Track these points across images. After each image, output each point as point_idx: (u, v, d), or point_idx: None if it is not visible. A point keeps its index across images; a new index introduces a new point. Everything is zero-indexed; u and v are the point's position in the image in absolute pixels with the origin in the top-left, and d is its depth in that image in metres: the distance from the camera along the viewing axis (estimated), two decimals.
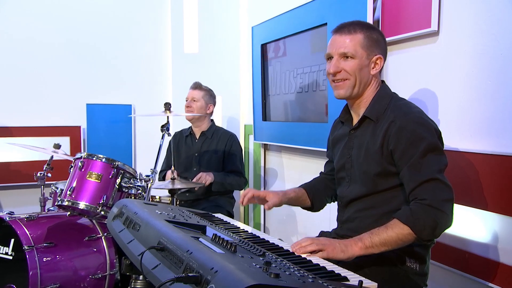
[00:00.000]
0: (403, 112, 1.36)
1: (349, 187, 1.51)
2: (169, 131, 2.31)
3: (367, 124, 1.45)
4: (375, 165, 1.39)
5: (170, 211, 1.50)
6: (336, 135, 1.63)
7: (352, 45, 1.42)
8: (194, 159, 2.88)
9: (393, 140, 1.34)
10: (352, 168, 1.50)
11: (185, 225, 1.32)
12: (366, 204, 1.44)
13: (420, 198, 1.27)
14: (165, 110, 2.34)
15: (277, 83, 2.82)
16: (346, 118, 1.57)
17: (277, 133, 2.90)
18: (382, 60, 1.44)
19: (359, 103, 1.49)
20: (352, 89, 1.45)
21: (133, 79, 3.84)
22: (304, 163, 2.76)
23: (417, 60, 1.84)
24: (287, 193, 1.60)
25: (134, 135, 3.82)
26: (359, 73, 1.43)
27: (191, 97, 2.87)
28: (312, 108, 2.51)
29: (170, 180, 2.48)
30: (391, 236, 1.25)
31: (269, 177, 3.21)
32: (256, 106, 3.16)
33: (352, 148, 1.50)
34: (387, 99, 1.45)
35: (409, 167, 1.31)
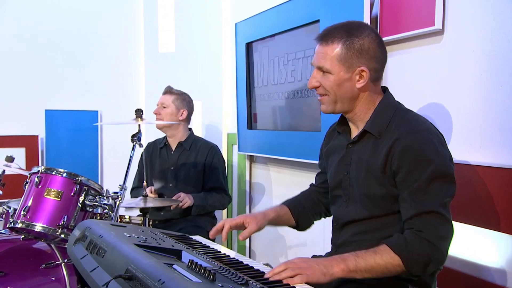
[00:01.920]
0: (410, 129, 1.36)
1: (347, 208, 1.51)
2: (140, 142, 2.29)
3: (368, 139, 1.45)
4: (377, 186, 1.40)
5: (141, 234, 1.49)
6: (331, 145, 1.63)
7: (328, 59, 1.42)
8: (170, 173, 2.87)
9: (396, 160, 1.34)
10: (350, 187, 1.50)
11: (158, 250, 1.30)
12: (365, 228, 1.45)
13: (417, 229, 1.29)
14: (136, 118, 2.34)
15: (264, 73, 2.81)
16: (343, 129, 1.57)
17: (265, 143, 2.91)
18: (367, 72, 1.41)
19: (353, 117, 1.49)
20: (334, 105, 1.46)
21: (100, 81, 3.81)
22: (295, 177, 2.76)
23: (419, 62, 1.87)
24: (267, 215, 1.59)
25: (100, 146, 3.78)
26: (338, 89, 1.43)
27: (160, 103, 2.88)
28: (304, 115, 2.52)
29: (142, 198, 2.45)
30: (379, 264, 1.26)
31: (256, 193, 3.20)
32: (240, 112, 3.16)
33: (349, 164, 1.50)
34: (390, 110, 1.44)
35: (411, 192, 1.32)
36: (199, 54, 3.64)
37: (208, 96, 3.58)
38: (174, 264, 1.12)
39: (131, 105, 3.64)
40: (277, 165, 2.96)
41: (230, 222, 1.52)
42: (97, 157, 3.76)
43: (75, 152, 3.70)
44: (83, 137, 3.74)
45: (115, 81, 3.85)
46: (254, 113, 3.02)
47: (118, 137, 3.72)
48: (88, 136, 3.76)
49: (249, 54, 3.02)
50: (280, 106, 2.72)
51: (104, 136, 3.82)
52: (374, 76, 1.43)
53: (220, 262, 1.31)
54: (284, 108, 2.70)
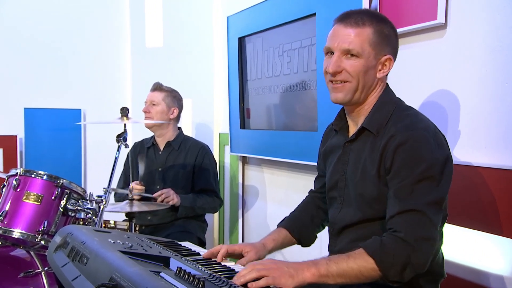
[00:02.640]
0: (406, 126, 1.36)
1: (340, 211, 1.51)
2: (126, 142, 2.29)
3: (366, 137, 1.45)
4: (372, 187, 1.39)
5: (126, 240, 1.49)
6: (328, 145, 1.62)
7: (359, 41, 1.39)
8: (158, 175, 2.87)
9: (389, 158, 1.34)
10: (345, 188, 1.50)
11: (144, 257, 1.30)
12: (363, 233, 1.44)
13: (395, 230, 1.28)
14: (121, 117, 2.33)
15: (257, 65, 2.81)
16: (341, 125, 1.56)
17: (258, 144, 2.91)
18: (392, 61, 1.43)
19: (359, 111, 1.48)
20: (353, 94, 1.43)
21: (83, 78, 3.80)
22: (291, 179, 2.76)
23: (420, 58, 1.87)
24: (266, 245, 1.57)
25: (84, 147, 3.77)
26: (364, 76, 1.41)
27: (149, 101, 2.87)
28: (300, 114, 2.52)
29: (128, 201, 2.44)
30: (351, 268, 1.25)
31: (249, 196, 3.20)
32: (232, 111, 3.16)
33: (347, 163, 1.50)
34: (390, 107, 1.44)
35: (397, 190, 1.31)
36: (189, 49, 3.64)
37: (199, 93, 3.58)
38: (161, 272, 1.12)
39: (116, 103, 3.62)
40: (271, 166, 2.96)
41: (228, 247, 1.50)
42: (80, 158, 3.75)
43: (56, 153, 3.68)
44: (65, 137, 3.72)
45: (99, 77, 3.84)
46: (247, 108, 3.02)
47: (102, 137, 3.70)
48: (70, 136, 3.74)
49: (242, 49, 3.02)
50: (275, 102, 2.72)
51: (87, 136, 3.80)
52: (390, 69, 1.45)
53: (210, 270, 1.31)
54: (279, 106, 2.70)
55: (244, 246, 1.53)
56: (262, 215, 3.06)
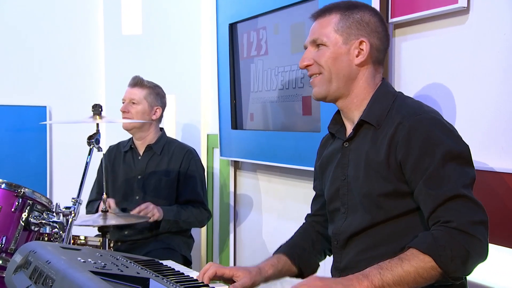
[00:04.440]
0: (413, 111, 1.43)
1: (345, 221, 1.52)
2: (99, 145, 2.29)
3: (366, 130, 1.51)
4: (380, 182, 1.43)
5: (98, 258, 1.49)
6: (325, 155, 1.66)
7: (324, 28, 1.52)
8: (137, 183, 2.86)
9: (402, 147, 1.39)
10: (349, 194, 1.52)
11: (120, 278, 1.29)
12: (373, 240, 1.46)
13: (444, 221, 1.31)
14: (93, 115, 2.33)
15: (259, 78, 2.85)
16: (337, 128, 1.61)
17: (252, 147, 2.91)
18: (367, 44, 1.50)
19: (348, 105, 1.55)
20: (328, 85, 1.52)
21: (49, 71, 3.79)
22: (289, 187, 2.76)
23: (439, 47, 1.88)
24: (263, 270, 1.57)
25: (49, 150, 3.76)
26: (334, 63, 1.51)
27: (129, 98, 2.85)
28: (300, 112, 2.53)
29: (101, 213, 2.44)
30: (408, 272, 1.27)
31: (241, 207, 3.20)
32: (223, 109, 3.16)
33: (347, 166, 1.53)
34: (390, 98, 1.52)
35: (425, 181, 1.35)
36: (172, 38, 3.64)
37: (184, 88, 3.57)
38: None
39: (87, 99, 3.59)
40: (268, 173, 2.95)
41: (218, 268, 1.51)
42: (45, 163, 3.73)
43: (17, 158, 3.66)
44: (28, 138, 3.71)
45: (67, 70, 3.83)
46: (251, 113, 3.02)
47: (71, 139, 3.69)
48: (33, 138, 3.73)
49: (233, 37, 3.02)
50: (271, 99, 2.73)
51: (54, 138, 3.79)
52: (375, 55, 1.52)
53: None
54: (276, 103, 2.70)
55: (236, 270, 1.52)
56: (257, 229, 3.05)
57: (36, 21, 3.76)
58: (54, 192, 3.74)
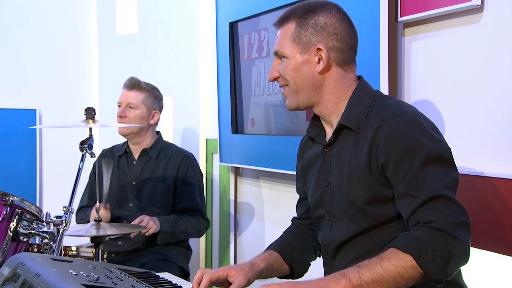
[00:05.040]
0: (391, 113, 1.45)
1: (331, 229, 1.55)
2: (92, 150, 2.28)
3: (346, 136, 1.53)
4: (363, 189, 1.46)
5: (91, 271, 1.48)
6: (306, 158, 1.68)
7: (281, 40, 1.56)
8: (131, 190, 2.86)
9: (382, 151, 1.42)
10: (333, 201, 1.55)
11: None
12: (362, 248, 1.48)
13: (424, 221, 1.33)
14: (86, 119, 2.33)
15: (260, 82, 2.85)
16: (316, 132, 1.64)
17: (254, 152, 2.91)
18: (325, 49, 1.52)
19: (323, 111, 1.58)
20: (296, 96, 1.56)
21: (40, 72, 3.79)
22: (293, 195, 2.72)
23: (451, 47, 1.88)
24: (255, 265, 1.61)
25: (39, 156, 3.76)
26: (296, 75, 1.54)
27: (126, 102, 2.85)
28: (304, 117, 2.53)
29: (94, 223, 2.43)
30: (388, 271, 1.28)
31: (242, 216, 3.20)
32: (222, 112, 3.16)
33: (329, 172, 1.56)
34: (368, 99, 1.54)
35: (406, 183, 1.38)
36: (169, 37, 3.64)
37: (181, 90, 3.58)
38: None
39: (79, 102, 3.61)
40: (270, 180, 2.95)
41: (211, 274, 1.53)
42: (34, 170, 3.73)
43: (5, 164, 3.66)
44: (16, 144, 3.70)
45: (58, 71, 3.83)
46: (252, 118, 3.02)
47: (62, 145, 3.69)
48: (22, 143, 3.73)
49: (234, 37, 3.02)
50: (274, 101, 2.74)
51: (44, 143, 3.79)
52: (338, 57, 1.54)
53: None
54: (279, 106, 2.71)
55: (229, 270, 1.55)
56: (258, 239, 3.05)
57: (25, 19, 3.76)
58: (44, 201, 3.74)
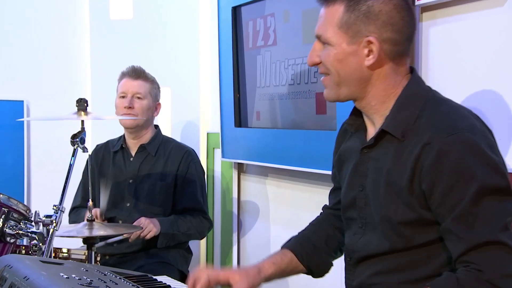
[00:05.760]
0: (444, 129, 1.37)
1: (362, 237, 1.53)
2: (84, 145, 2.29)
3: (388, 142, 1.47)
4: (401, 208, 1.41)
5: (84, 273, 1.48)
6: (343, 150, 1.65)
7: (326, 23, 1.47)
8: (128, 188, 2.86)
9: (428, 175, 1.36)
10: (366, 208, 1.51)
11: None
12: (389, 266, 1.46)
13: (474, 268, 1.29)
14: (78, 111, 2.33)
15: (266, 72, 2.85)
16: (357, 125, 1.59)
17: (259, 147, 2.90)
18: (376, 43, 1.43)
19: (366, 107, 1.51)
20: (337, 88, 1.49)
21: (27, 61, 3.79)
22: (302, 194, 2.76)
23: (473, 32, 1.86)
24: (263, 270, 1.59)
25: (27, 151, 3.76)
26: (341, 66, 1.47)
27: (133, 92, 2.86)
28: (314, 111, 2.52)
29: (86, 223, 2.43)
30: None
31: (246, 215, 3.20)
32: (225, 104, 3.15)
33: (366, 175, 1.52)
34: (419, 101, 1.46)
35: (455, 220, 1.33)
36: (167, 22, 3.63)
37: (180, 81, 3.57)
38: None
39: (70, 93, 3.60)
40: (276, 177, 2.95)
41: (209, 275, 1.52)
42: (22, 166, 3.74)
43: None
44: (2, 137, 3.71)
45: (48, 60, 3.83)
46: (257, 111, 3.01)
47: (52, 138, 3.70)
48: (9, 137, 3.73)
49: (237, 24, 3.01)
50: (280, 92, 2.73)
51: (32, 137, 3.80)
52: (391, 50, 1.45)
53: None
54: (286, 97, 2.70)
55: (232, 274, 1.54)
56: (263, 241, 3.05)
57: (12, 4, 3.76)
58: (33, 199, 3.75)
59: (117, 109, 2.89)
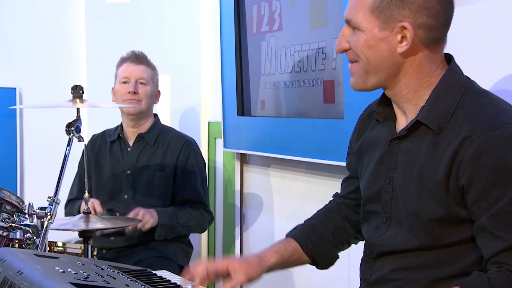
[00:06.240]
0: (486, 123, 1.35)
1: (386, 232, 1.51)
2: (80, 134, 2.29)
3: (423, 134, 1.45)
4: (433, 205, 1.39)
5: (80, 268, 1.48)
6: (366, 139, 1.62)
7: (356, 7, 1.44)
8: (126, 179, 2.87)
9: (466, 170, 1.34)
10: (393, 203, 1.50)
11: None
12: (411, 263, 1.45)
13: (508, 269, 1.28)
14: (73, 99, 2.33)
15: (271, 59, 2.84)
16: (385, 114, 1.56)
17: (263, 137, 2.90)
18: (411, 29, 1.40)
19: (396, 96, 1.49)
20: (365, 76, 1.47)
21: (20, 46, 3.78)
22: (308, 185, 2.76)
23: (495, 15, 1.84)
24: (264, 259, 1.60)
25: (20, 140, 3.76)
26: (371, 53, 1.44)
27: (136, 77, 2.86)
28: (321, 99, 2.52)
29: (82, 215, 2.44)
30: None
31: (249, 208, 3.20)
32: (227, 91, 3.15)
33: (394, 168, 1.50)
34: (457, 92, 1.43)
35: (491, 218, 1.31)
36: (166, 6, 3.62)
37: (179, 67, 3.56)
38: None
39: (65, 80, 3.60)
40: (281, 168, 2.95)
41: (208, 267, 1.53)
42: (15, 155, 3.74)
43: None
44: None
45: (41, 45, 3.82)
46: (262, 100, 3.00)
47: (46, 127, 3.70)
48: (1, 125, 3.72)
49: (240, 8, 3.02)
50: (285, 80, 2.73)
51: (25, 125, 3.80)
52: (426, 36, 1.42)
53: None
54: (290, 85, 2.69)
55: (231, 263, 1.55)
56: (267, 235, 3.05)
57: None
58: (26, 190, 3.75)
59: (117, 96, 2.89)
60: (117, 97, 2.89)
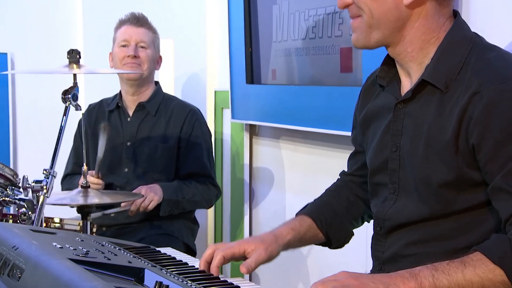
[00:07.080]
0: (495, 75, 1.36)
1: (395, 204, 1.52)
2: (77, 102, 2.29)
3: (429, 95, 1.45)
4: (443, 169, 1.40)
5: (79, 244, 1.49)
6: (370, 108, 1.63)
7: None
8: (126, 152, 2.88)
9: (477, 127, 1.34)
10: (401, 171, 1.51)
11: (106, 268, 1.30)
12: (427, 234, 1.46)
13: None
14: (69, 64, 2.33)
15: (283, 24, 2.83)
16: (389, 77, 1.57)
17: (273, 106, 2.90)
18: None
19: (401, 54, 1.50)
20: (368, 31, 1.47)
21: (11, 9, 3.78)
22: (322, 158, 2.76)
23: None
24: (280, 236, 1.61)
25: (12, 109, 3.78)
26: (375, 5, 1.44)
27: (137, 40, 2.86)
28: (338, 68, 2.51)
29: (81, 189, 2.46)
30: (471, 282, 1.27)
31: (259, 183, 3.21)
32: (235, 58, 3.15)
33: (400, 134, 1.51)
34: (464, 48, 1.44)
35: (506, 176, 1.32)
36: None
37: (183, 32, 3.56)
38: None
39: (60, 44, 3.61)
40: (293, 140, 2.95)
41: (224, 251, 1.53)
42: (7, 125, 3.76)
43: None
44: None
45: (34, 7, 3.82)
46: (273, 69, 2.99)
47: (40, 95, 3.71)
48: None
49: None
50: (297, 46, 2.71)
51: (18, 93, 3.81)
52: None
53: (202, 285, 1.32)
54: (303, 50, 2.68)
55: (246, 243, 1.57)
56: (278, 211, 3.07)
57: None
58: (19, 162, 3.78)
59: (116, 60, 2.88)
60: (115, 61, 2.88)
